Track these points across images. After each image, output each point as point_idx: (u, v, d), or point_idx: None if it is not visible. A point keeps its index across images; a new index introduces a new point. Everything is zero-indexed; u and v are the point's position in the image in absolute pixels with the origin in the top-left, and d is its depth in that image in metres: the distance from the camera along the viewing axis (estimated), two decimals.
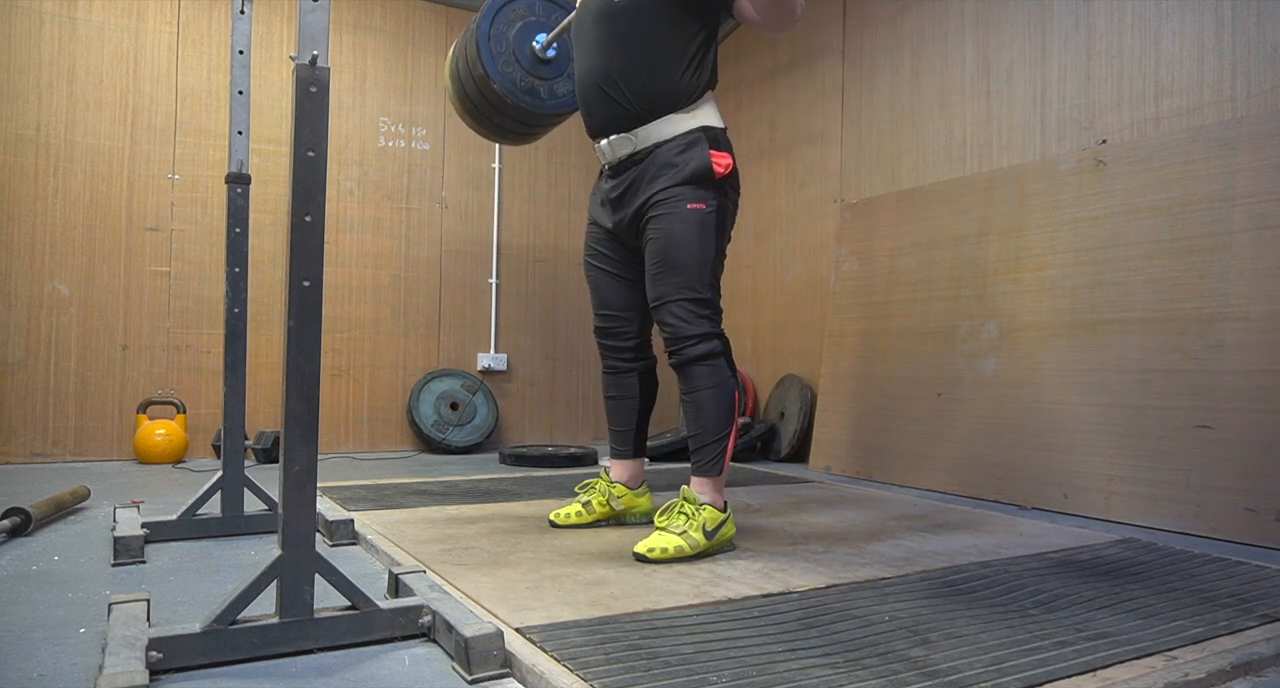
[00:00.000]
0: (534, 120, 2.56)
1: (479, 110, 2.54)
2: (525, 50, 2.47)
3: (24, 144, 3.42)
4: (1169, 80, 2.67)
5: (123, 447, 3.56)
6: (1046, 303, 2.84)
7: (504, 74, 2.42)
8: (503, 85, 2.41)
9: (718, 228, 1.99)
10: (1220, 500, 2.26)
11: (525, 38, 2.47)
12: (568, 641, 1.28)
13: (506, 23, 2.45)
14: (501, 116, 2.54)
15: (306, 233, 1.26)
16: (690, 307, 1.95)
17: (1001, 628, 1.39)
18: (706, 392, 1.95)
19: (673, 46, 1.98)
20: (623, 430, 2.25)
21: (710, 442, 1.95)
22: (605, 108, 2.05)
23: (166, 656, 1.20)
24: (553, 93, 2.52)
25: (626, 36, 1.99)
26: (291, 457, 1.26)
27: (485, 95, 2.46)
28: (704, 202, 1.96)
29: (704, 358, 1.95)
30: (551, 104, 2.52)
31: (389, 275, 4.14)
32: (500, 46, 2.42)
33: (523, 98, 2.46)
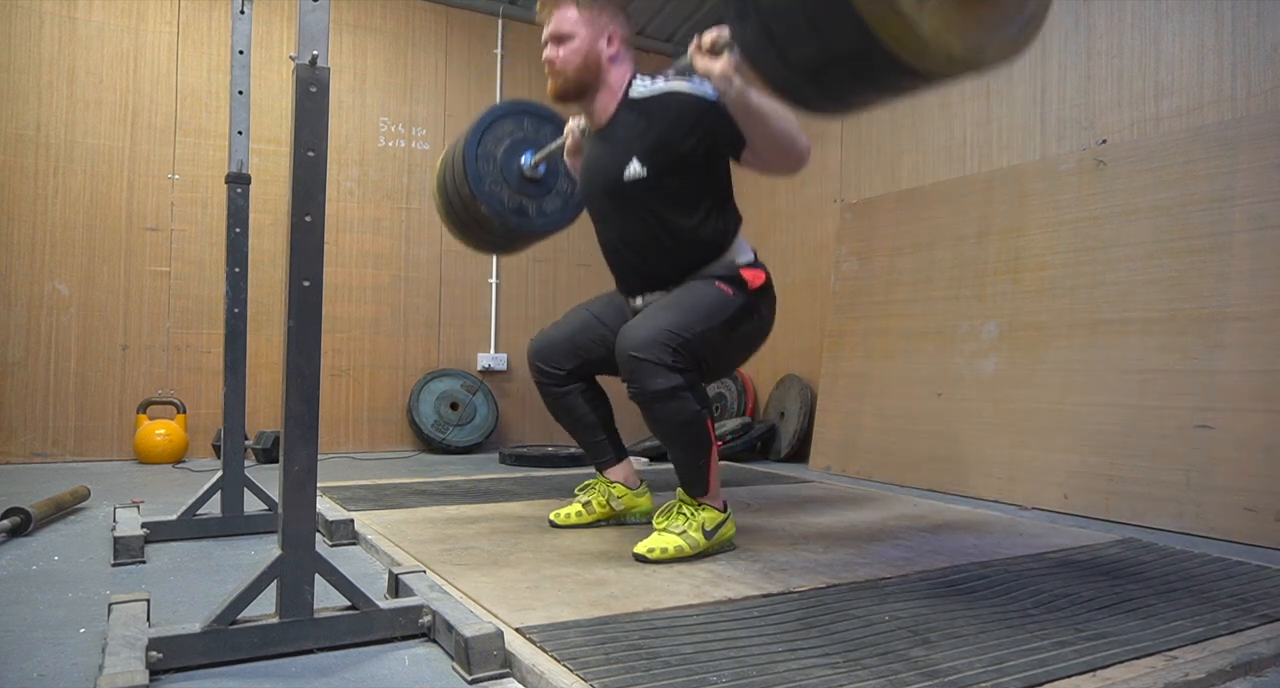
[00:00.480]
0: (522, 238, 2.55)
1: (466, 227, 2.52)
2: (513, 169, 2.43)
3: (24, 144, 3.42)
4: (1169, 80, 2.67)
5: (123, 447, 3.56)
6: (1046, 303, 2.84)
7: (492, 195, 2.39)
8: (491, 207, 2.38)
9: (733, 317, 1.88)
10: (1220, 500, 2.26)
11: (513, 156, 2.43)
12: (568, 641, 1.28)
13: (494, 142, 2.42)
14: (488, 234, 2.53)
15: (306, 233, 1.26)
16: (660, 338, 1.77)
17: (1001, 628, 1.39)
18: (675, 431, 1.82)
19: (690, 210, 1.94)
20: (595, 442, 2.22)
21: (690, 469, 1.88)
22: (636, 277, 2.06)
23: (166, 656, 1.20)
24: (541, 210, 2.49)
25: (642, 212, 1.96)
26: (291, 457, 1.26)
27: (472, 214, 2.45)
28: (731, 288, 1.91)
29: (667, 394, 1.77)
30: (540, 222, 2.50)
31: (389, 275, 4.14)
32: (488, 166, 2.39)
33: (511, 219, 2.42)
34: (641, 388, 1.78)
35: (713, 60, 1.68)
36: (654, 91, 1.97)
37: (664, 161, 1.91)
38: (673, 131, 1.90)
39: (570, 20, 1.98)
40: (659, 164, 1.91)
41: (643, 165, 1.92)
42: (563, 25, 1.98)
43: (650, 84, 1.99)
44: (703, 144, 1.89)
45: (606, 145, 2.02)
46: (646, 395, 1.78)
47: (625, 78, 2.03)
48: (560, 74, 2.00)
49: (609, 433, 2.22)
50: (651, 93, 1.97)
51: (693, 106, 1.89)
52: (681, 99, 1.92)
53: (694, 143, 1.89)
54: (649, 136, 1.92)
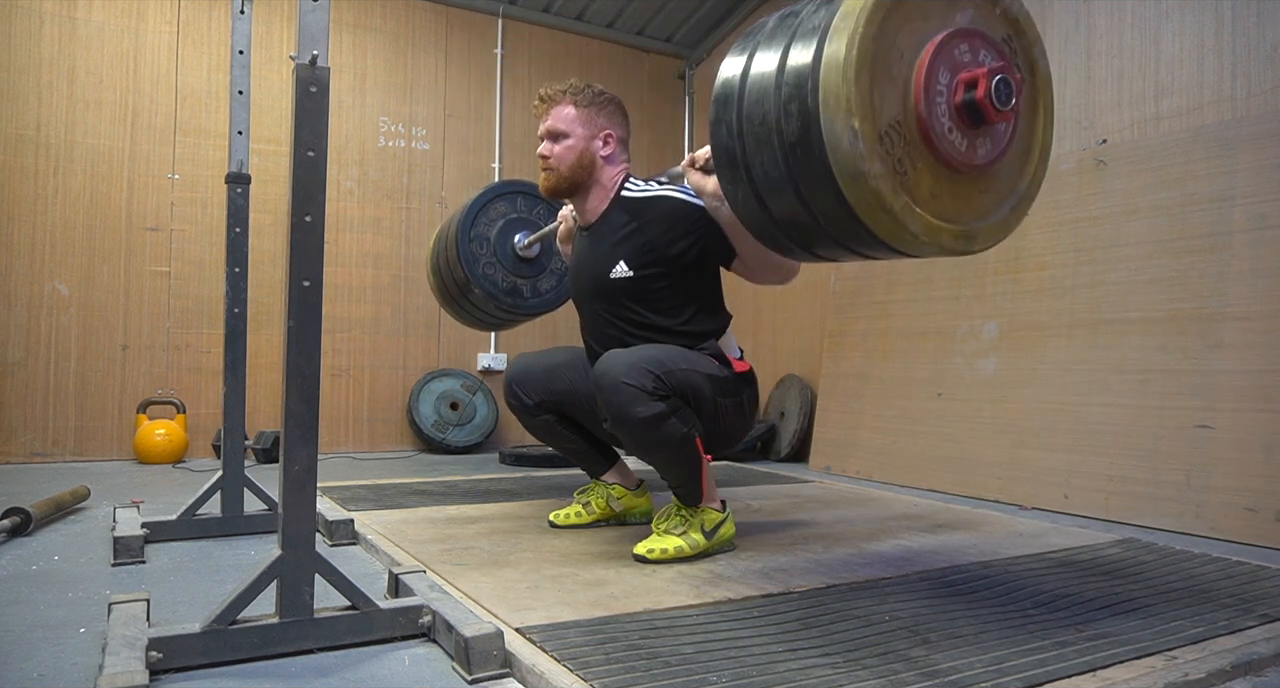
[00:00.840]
0: (517, 317, 2.56)
1: (460, 307, 2.54)
2: (507, 249, 2.44)
3: (24, 144, 3.42)
4: (1169, 80, 2.67)
5: (123, 447, 3.56)
6: (1046, 303, 2.84)
7: (485, 277, 2.40)
8: (485, 289, 2.39)
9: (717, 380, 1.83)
10: (1220, 500, 2.26)
11: (507, 236, 2.44)
12: (568, 641, 1.28)
13: (487, 223, 2.43)
14: (483, 313, 2.54)
15: (306, 233, 1.26)
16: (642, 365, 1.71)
17: (1001, 628, 1.39)
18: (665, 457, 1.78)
19: (675, 313, 1.92)
20: (580, 455, 2.21)
21: (685, 486, 1.86)
22: None
23: (166, 656, 1.20)
24: (536, 290, 2.50)
25: (628, 311, 1.94)
26: (291, 457, 1.26)
27: (467, 295, 2.46)
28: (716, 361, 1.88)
29: (651, 421, 1.70)
30: (534, 302, 2.51)
31: (389, 275, 4.14)
32: (481, 248, 2.40)
33: (504, 300, 2.44)
34: (624, 416, 1.70)
35: (705, 177, 1.70)
36: (646, 194, 1.96)
37: (651, 264, 1.90)
38: (663, 235, 1.89)
39: (567, 119, 1.98)
40: (646, 266, 1.90)
41: (630, 267, 1.91)
42: (559, 123, 1.98)
43: (643, 187, 1.99)
44: (693, 250, 1.88)
45: (595, 243, 2.01)
46: (630, 423, 1.71)
47: (618, 178, 2.02)
48: (554, 171, 1.99)
49: (592, 443, 2.19)
50: (644, 195, 1.96)
51: (684, 213, 1.89)
52: (673, 204, 1.91)
53: (683, 248, 1.88)
54: (639, 238, 1.92)
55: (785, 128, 1.23)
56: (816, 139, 1.18)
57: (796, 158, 1.22)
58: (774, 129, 1.24)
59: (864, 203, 1.18)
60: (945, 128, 1.24)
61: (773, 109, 1.25)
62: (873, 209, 1.18)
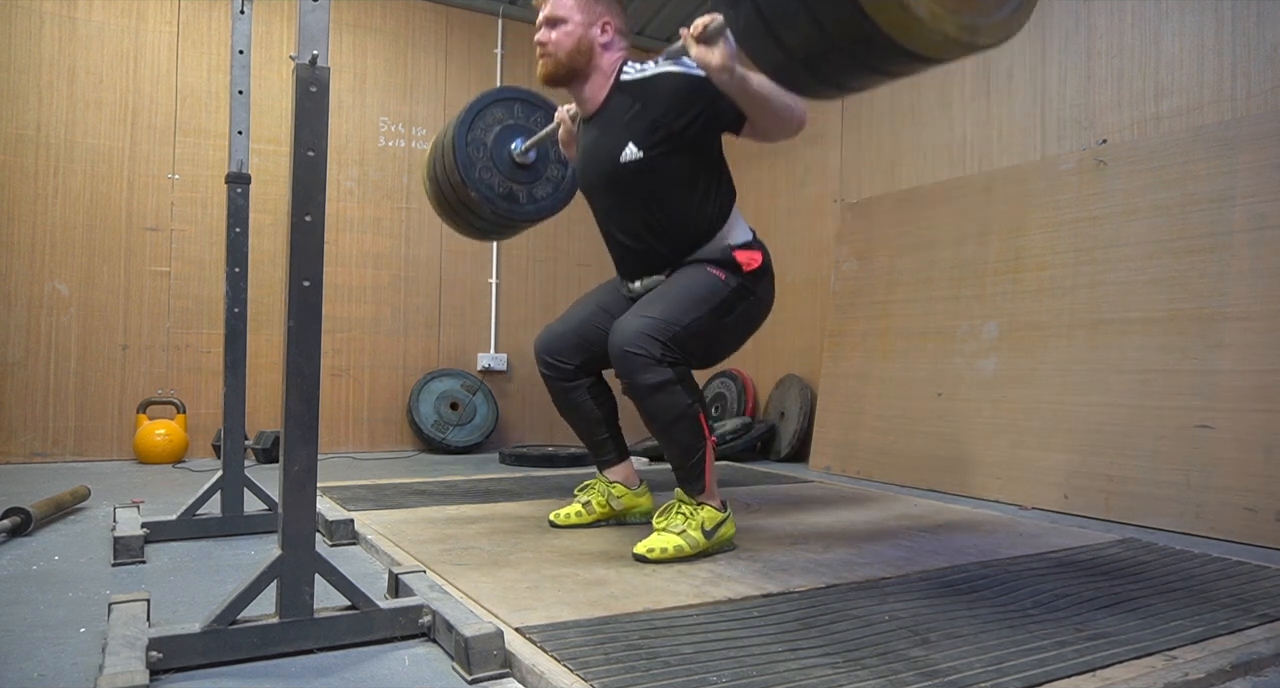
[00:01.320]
0: (513, 224, 2.55)
1: (456, 212, 2.52)
2: (503, 155, 2.42)
3: (24, 144, 3.42)
4: (1169, 80, 2.67)
5: (123, 447, 3.56)
6: (1046, 303, 2.84)
7: (482, 181, 2.39)
8: (480, 193, 2.38)
9: (725, 302, 1.89)
10: (1220, 500, 2.26)
11: (504, 142, 2.43)
12: (568, 641, 1.28)
13: (484, 127, 2.41)
14: (478, 219, 2.53)
15: (306, 233, 1.26)
16: (649, 331, 1.80)
17: (1001, 628, 1.39)
18: (668, 425, 1.83)
19: (688, 191, 1.95)
20: (598, 440, 2.22)
21: (686, 466, 1.89)
22: (634, 261, 2.06)
23: (166, 656, 1.20)
24: (532, 196, 2.49)
25: (641, 195, 1.96)
26: (291, 457, 1.26)
27: (462, 199, 2.44)
28: (723, 272, 1.91)
29: (658, 387, 1.79)
30: (531, 209, 2.49)
31: (389, 275, 4.14)
32: (478, 153, 2.39)
33: (500, 204, 2.42)
34: (633, 382, 1.80)
35: (709, 50, 1.68)
36: (646, 74, 1.97)
37: (660, 142, 1.91)
38: (668, 111, 1.90)
39: (565, 6, 2.00)
40: (655, 145, 1.91)
41: (639, 148, 1.92)
42: (558, 9, 2.00)
43: (640, 67, 2.00)
44: (699, 120, 1.90)
45: (601, 131, 2.02)
46: (638, 389, 1.80)
47: (616, 63, 2.03)
48: (552, 57, 2.00)
49: (612, 431, 2.22)
50: (644, 75, 1.98)
51: (687, 85, 1.90)
52: (675, 79, 1.92)
53: (689, 121, 1.90)
54: (644, 119, 1.93)
55: None
56: None
57: None
58: None
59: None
60: None
61: None
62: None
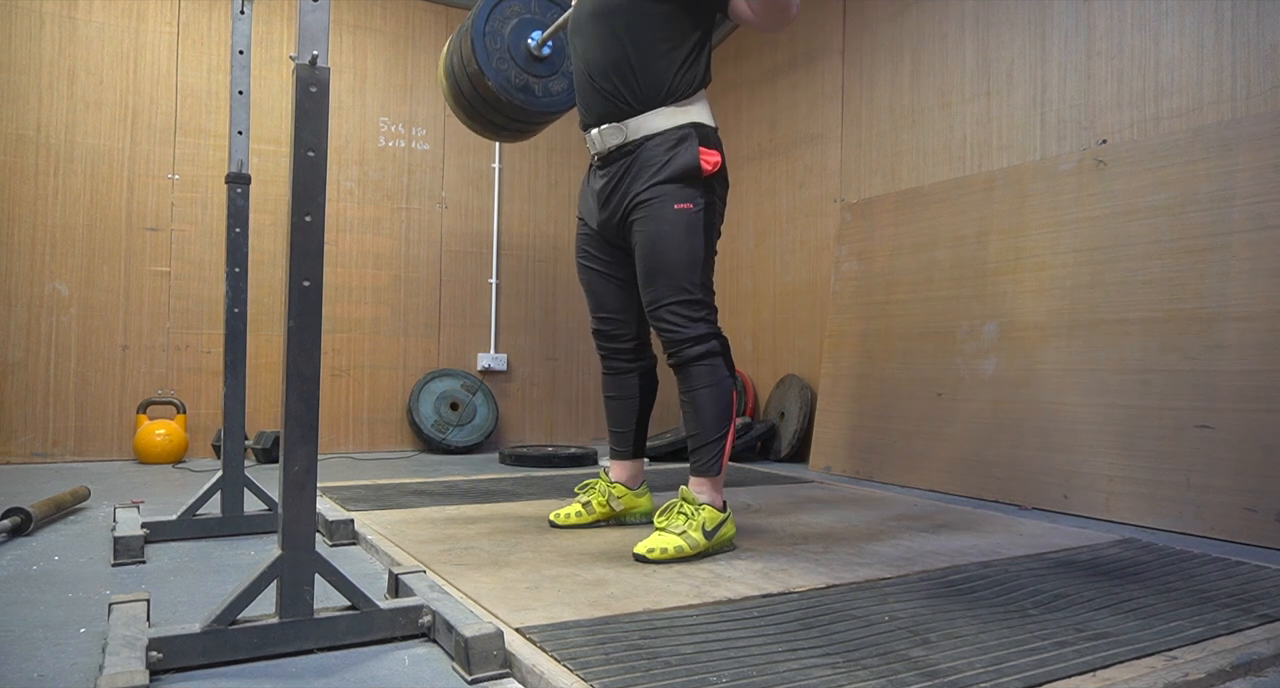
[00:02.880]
0: (528, 118, 2.56)
1: (473, 107, 2.53)
2: (520, 47, 2.46)
3: (24, 144, 3.42)
4: (1169, 80, 2.67)
5: (123, 447, 3.56)
6: (1046, 303, 2.84)
7: (499, 71, 2.42)
8: (497, 82, 2.40)
9: (706, 226, 1.99)
10: (1220, 500, 2.26)
11: (520, 35, 2.47)
12: (568, 641, 1.28)
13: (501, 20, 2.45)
14: (495, 113, 2.54)
15: (306, 233, 1.26)
16: (684, 310, 1.96)
17: (1001, 628, 1.39)
18: (703, 391, 1.96)
19: (667, 43, 1.99)
20: (622, 431, 2.26)
21: (708, 442, 1.96)
22: (598, 101, 2.06)
23: (167, 656, 1.20)
24: (547, 90, 2.52)
25: (622, 33, 2.00)
26: (291, 457, 1.26)
27: (480, 92, 2.46)
28: (691, 201, 1.97)
29: (701, 358, 1.96)
30: (546, 101, 2.52)
31: (389, 275, 4.14)
32: (495, 43, 2.42)
33: (517, 95, 2.45)
34: (682, 356, 1.97)
35: None
36: None
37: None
38: None
39: None
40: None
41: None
42: None
43: None
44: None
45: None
46: (685, 360, 1.97)
47: None
48: None
49: (640, 424, 2.27)
50: None
51: None
52: None
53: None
54: None
55: None
56: None
57: None
58: None
59: None
60: None
61: None
62: None
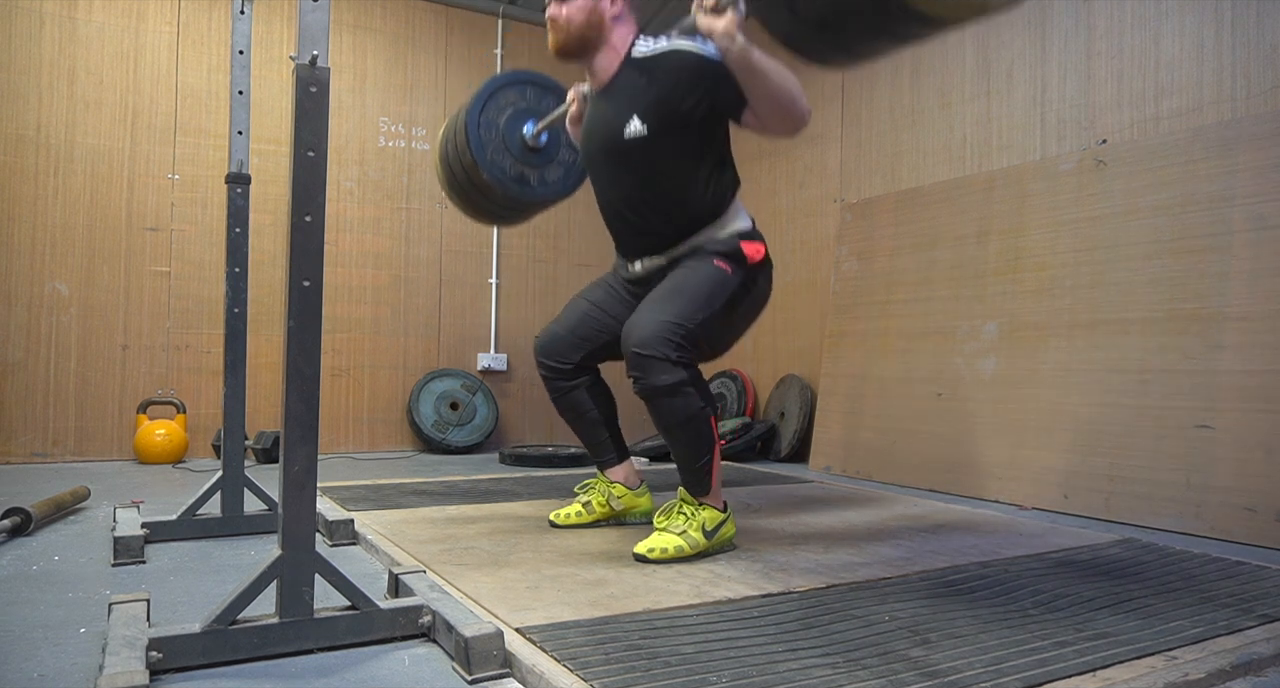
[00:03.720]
0: (525, 207, 2.55)
1: (468, 196, 2.52)
2: (515, 138, 2.43)
3: (24, 144, 3.42)
4: (1169, 80, 2.67)
5: (123, 447, 3.56)
6: (1046, 303, 2.84)
7: (494, 162, 2.40)
8: (492, 175, 2.38)
9: (733, 297, 1.91)
10: (1220, 500, 2.26)
11: (515, 125, 2.44)
12: (568, 641, 1.28)
13: (497, 110, 2.42)
14: (491, 203, 2.53)
15: (306, 233, 1.26)
16: (663, 333, 1.79)
17: (1001, 628, 1.39)
18: (679, 427, 1.82)
19: (690, 170, 1.94)
20: (597, 443, 2.22)
21: (693, 469, 1.88)
22: (635, 238, 2.05)
23: (167, 656, 1.20)
24: (543, 180, 2.50)
25: (642, 171, 1.96)
26: (291, 457, 1.26)
27: (475, 183, 2.44)
28: (730, 266, 1.92)
29: (672, 390, 1.78)
30: (542, 191, 2.50)
31: (389, 275, 4.14)
32: (490, 135, 2.40)
33: (512, 187, 2.43)
34: (647, 384, 1.79)
35: (715, 18, 1.68)
36: (657, 51, 1.97)
37: (664, 119, 1.91)
38: (674, 89, 1.90)
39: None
40: (659, 122, 1.91)
41: (643, 123, 1.92)
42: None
43: (653, 43, 1.99)
44: (704, 103, 1.89)
45: (608, 104, 2.02)
46: (651, 391, 1.79)
47: (628, 37, 2.03)
48: (563, 30, 2.00)
49: (612, 431, 2.22)
50: (654, 52, 1.97)
51: (695, 64, 1.89)
52: (684, 57, 1.91)
53: (695, 101, 1.89)
54: (650, 94, 1.92)
55: None
56: None
57: None
58: None
59: None
60: None
61: None
62: None
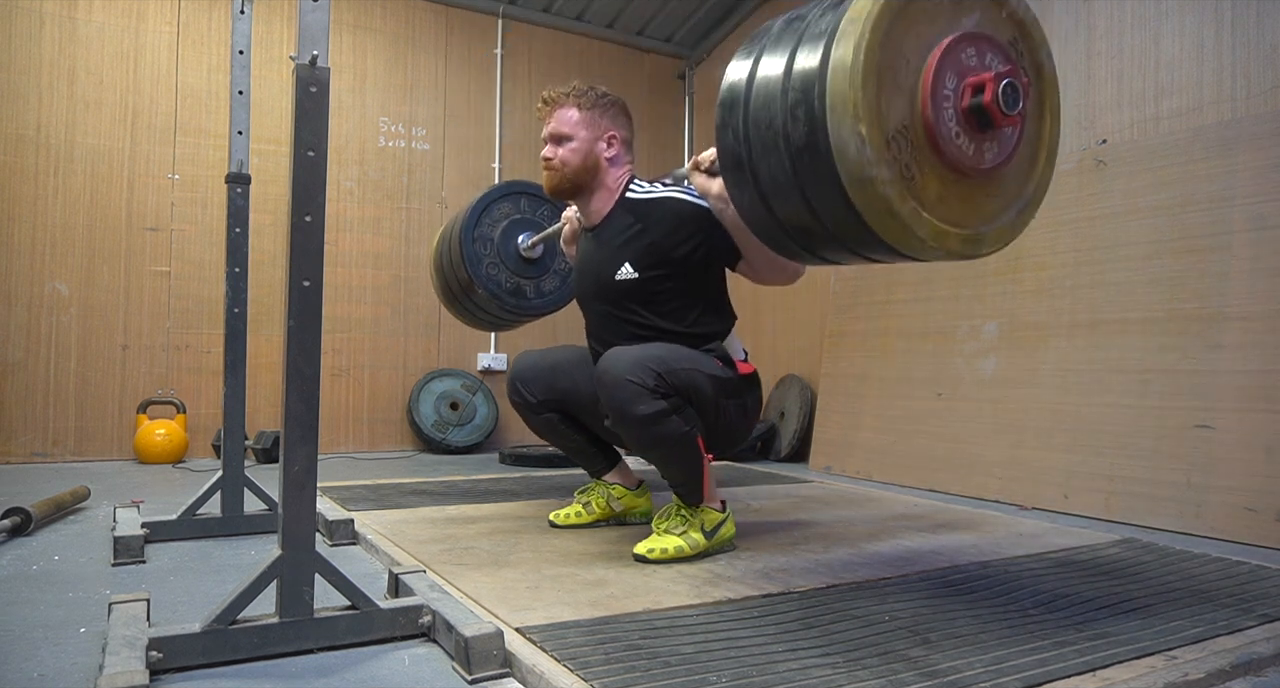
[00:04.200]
0: (520, 317, 2.56)
1: (464, 306, 2.54)
2: (510, 250, 2.44)
3: (24, 144, 3.42)
4: (1169, 80, 2.67)
5: (123, 447, 3.56)
6: (1046, 303, 2.84)
7: (489, 277, 2.41)
8: (488, 289, 2.40)
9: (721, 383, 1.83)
10: (1220, 500, 2.26)
11: (510, 237, 2.44)
12: (568, 641, 1.28)
13: (491, 223, 2.43)
14: (486, 314, 2.55)
15: (306, 233, 1.26)
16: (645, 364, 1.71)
17: (1001, 628, 1.39)
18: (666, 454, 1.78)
19: (681, 315, 1.92)
20: (582, 457, 2.21)
21: (686, 484, 1.85)
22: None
23: (167, 656, 1.20)
24: (539, 291, 2.51)
25: (632, 314, 1.94)
26: (291, 457, 1.26)
27: (470, 296, 2.46)
28: (720, 362, 1.88)
29: (652, 419, 1.71)
30: (538, 302, 2.51)
31: (389, 275, 4.14)
32: (485, 249, 2.41)
33: (508, 300, 2.44)
34: (625, 413, 1.71)
35: (710, 179, 1.69)
36: (651, 196, 1.96)
37: (657, 266, 1.90)
38: (668, 237, 1.89)
39: (570, 122, 1.98)
40: (651, 268, 1.90)
41: (635, 268, 1.91)
42: (563, 126, 1.98)
43: (647, 188, 1.99)
44: (698, 252, 1.89)
45: (600, 245, 2.01)
46: (631, 420, 1.72)
47: (623, 180, 2.02)
48: (558, 171, 1.99)
49: (597, 445, 2.20)
50: (648, 196, 1.96)
51: (690, 214, 1.88)
52: (679, 205, 1.91)
53: (689, 249, 1.89)
54: (643, 240, 1.92)
55: (792, 132, 1.22)
56: (824, 144, 1.18)
57: (803, 163, 1.22)
58: (780, 134, 1.24)
59: (871, 208, 1.18)
60: (952, 133, 1.24)
61: (779, 114, 1.24)
62: (880, 214, 1.18)
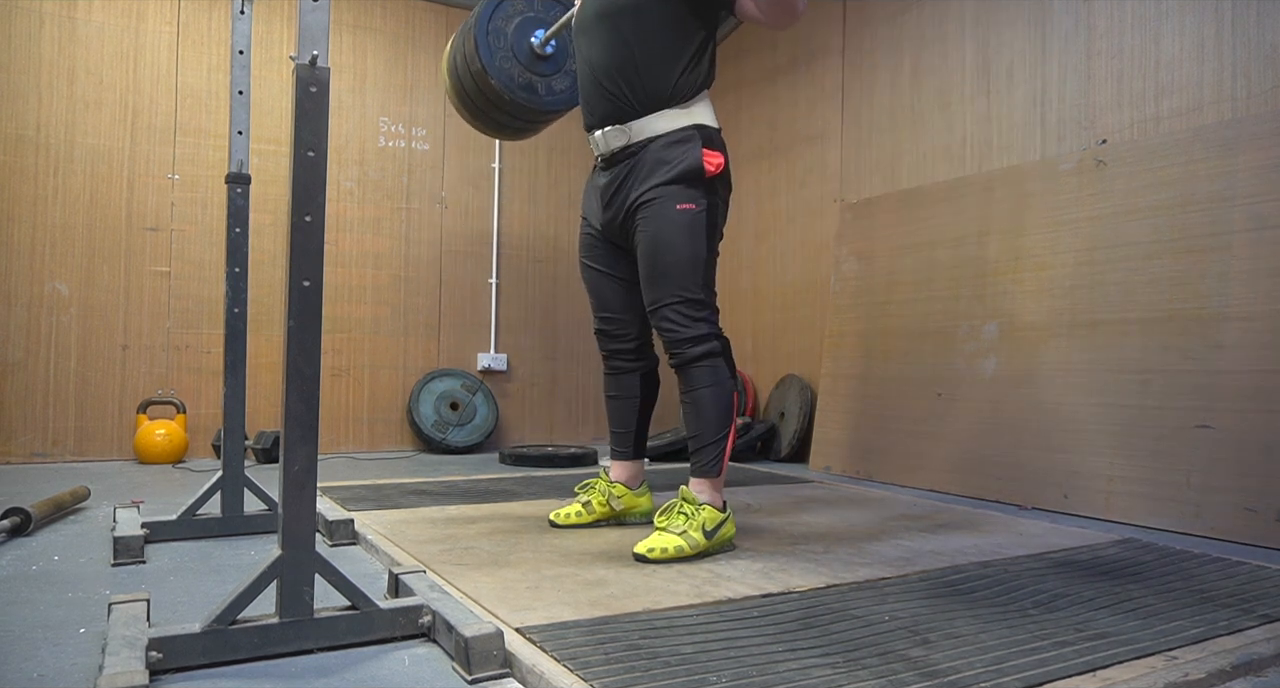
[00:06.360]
0: (531, 116, 2.56)
1: (476, 106, 2.53)
2: (524, 46, 2.46)
3: (24, 144, 3.42)
4: (1169, 80, 2.67)
5: (123, 447, 3.56)
6: (1046, 303, 2.84)
7: (502, 70, 2.42)
8: (500, 81, 2.40)
9: (708, 227, 1.99)
10: (1220, 500, 2.26)
11: (524, 34, 2.47)
12: (568, 641, 1.28)
13: (505, 18, 2.45)
14: (499, 112, 2.54)
15: (306, 233, 1.26)
16: (686, 310, 1.96)
17: (1001, 628, 1.39)
18: (704, 391, 1.96)
19: (672, 45, 1.99)
20: (623, 432, 2.26)
21: (709, 443, 1.96)
22: (602, 102, 2.06)
23: (166, 656, 1.20)
24: (550, 89, 2.52)
25: (627, 34, 2.00)
26: (291, 457, 1.26)
27: (483, 91, 2.46)
28: (694, 201, 1.97)
29: (702, 358, 1.96)
30: (549, 100, 2.52)
31: (389, 275, 4.14)
32: (499, 42, 2.42)
33: (520, 94, 2.45)
34: (681, 353, 1.97)
35: None
36: None
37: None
38: None
39: None
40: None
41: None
42: None
43: None
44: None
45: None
46: (685, 358, 1.97)
47: None
48: None
49: (641, 426, 2.27)
50: None
51: None
52: None
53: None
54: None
55: None
56: None
57: None
58: None
59: None
60: None
61: None
62: None
